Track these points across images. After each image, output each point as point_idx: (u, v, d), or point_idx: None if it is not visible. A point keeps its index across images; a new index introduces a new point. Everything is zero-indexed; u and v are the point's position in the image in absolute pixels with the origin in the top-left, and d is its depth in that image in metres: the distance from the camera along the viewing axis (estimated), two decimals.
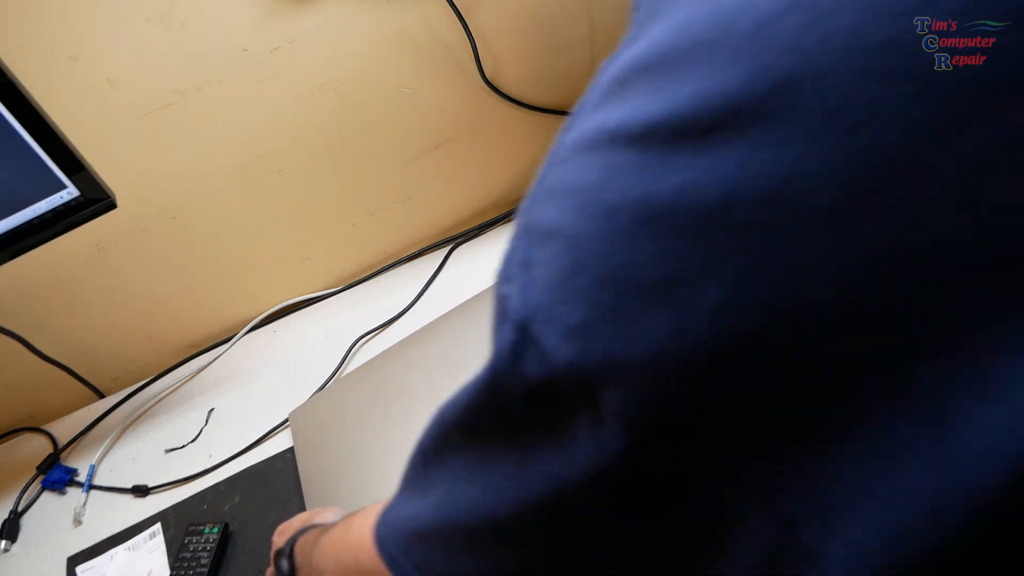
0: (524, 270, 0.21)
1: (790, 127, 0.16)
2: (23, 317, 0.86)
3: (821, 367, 0.16)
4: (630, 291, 0.18)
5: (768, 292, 0.16)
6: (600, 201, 0.19)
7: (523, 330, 0.20)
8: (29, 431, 0.95)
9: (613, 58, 0.21)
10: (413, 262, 1.02)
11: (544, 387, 0.20)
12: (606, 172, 0.19)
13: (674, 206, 0.17)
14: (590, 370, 0.19)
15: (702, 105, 0.17)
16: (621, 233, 0.18)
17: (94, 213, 0.70)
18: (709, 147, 0.17)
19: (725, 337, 0.17)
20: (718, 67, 0.17)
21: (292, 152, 0.86)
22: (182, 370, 0.97)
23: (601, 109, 0.20)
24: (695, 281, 0.17)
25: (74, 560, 0.78)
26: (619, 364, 0.18)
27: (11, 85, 0.60)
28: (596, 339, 0.19)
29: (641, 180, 0.18)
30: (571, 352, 0.19)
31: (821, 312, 0.16)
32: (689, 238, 0.17)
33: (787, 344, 0.16)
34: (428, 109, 0.89)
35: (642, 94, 0.19)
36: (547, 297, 0.20)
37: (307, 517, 0.64)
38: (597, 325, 0.18)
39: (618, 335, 0.18)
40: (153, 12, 0.70)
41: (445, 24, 0.82)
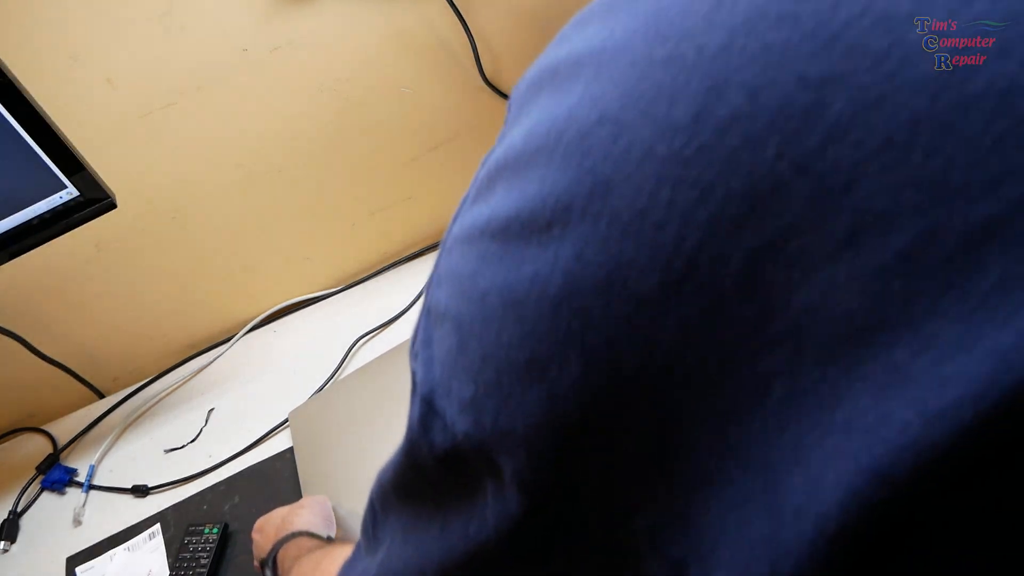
0: (425, 347, 0.23)
1: (611, 225, 0.18)
2: (23, 317, 0.86)
3: (669, 426, 0.19)
4: (506, 368, 0.20)
5: (617, 364, 0.19)
6: (475, 287, 0.21)
7: (428, 403, 0.23)
8: (29, 431, 0.95)
9: (488, 155, 0.23)
10: (413, 262, 1.02)
11: (451, 455, 0.22)
12: (478, 262, 0.21)
13: (529, 293, 0.19)
14: (484, 439, 0.21)
15: (542, 203, 0.19)
16: (492, 316, 0.20)
17: (94, 213, 0.70)
18: (550, 240, 0.19)
19: (589, 405, 0.19)
20: (552, 170, 0.19)
21: (292, 152, 0.86)
22: (182, 370, 0.97)
23: (476, 204, 0.23)
24: (557, 358, 0.19)
25: (74, 560, 0.78)
26: (507, 434, 0.20)
27: (11, 85, 0.60)
28: (485, 412, 0.21)
29: (502, 269, 0.20)
30: (467, 423, 0.21)
31: (655, 381, 0.18)
32: (546, 320, 0.19)
33: (637, 406, 0.19)
34: (428, 109, 0.89)
35: (502, 192, 0.21)
36: (443, 373, 0.22)
37: (286, 514, 0.65)
38: (484, 399, 0.21)
39: (503, 408, 0.20)
40: (153, 12, 0.70)
41: (445, 24, 0.82)
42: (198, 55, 0.74)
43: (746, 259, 0.17)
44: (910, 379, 0.16)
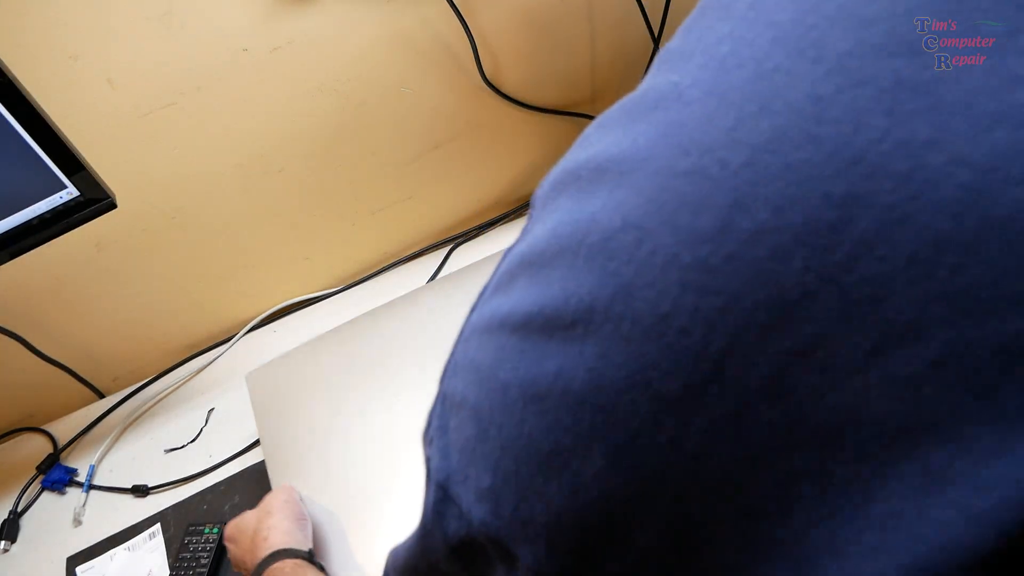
0: (441, 434, 0.24)
1: (633, 327, 0.19)
2: (23, 317, 0.86)
3: (691, 522, 0.19)
4: (526, 459, 0.20)
5: (640, 460, 0.19)
6: (494, 378, 0.21)
7: (443, 490, 0.23)
8: (29, 431, 0.95)
9: (510, 248, 0.24)
10: (413, 262, 1.02)
11: (465, 543, 0.23)
12: (498, 353, 0.22)
13: (552, 388, 0.20)
14: (501, 528, 0.21)
15: (564, 301, 0.20)
16: (514, 408, 0.21)
17: (94, 213, 0.70)
18: (575, 339, 0.20)
19: (611, 499, 0.19)
20: (575, 270, 0.20)
21: (292, 152, 0.86)
22: (182, 370, 0.97)
23: (496, 296, 0.23)
24: (580, 451, 0.19)
25: (74, 560, 0.78)
26: (526, 523, 0.21)
27: (11, 85, 0.60)
28: (504, 501, 0.21)
29: (524, 362, 0.21)
30: (484, 512, 0.22)
31: (679, 477, 0.19)
32: (570, 415, 0.19)
33: (660, 502, 0.19)
34: (428, 109, 0.89)
35: (523, 287, 0.22)
36: (460, 461, 0.23)
37: (257, 524, 0.63)
38: (503, 489, 0.21)
39: (522, 498, 0.21)
40: (153, 12, 0.70)
41: (445, 24, 0.82)
42: (198, 55, 0.74)
43: (774, 364, 0.17)
44: (948, 481, 0.16)
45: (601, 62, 0.95)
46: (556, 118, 0.97)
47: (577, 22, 0.89)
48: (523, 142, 0.99)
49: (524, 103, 0.93)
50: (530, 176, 1.04)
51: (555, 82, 0.94)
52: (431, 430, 0.24)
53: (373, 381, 0.77)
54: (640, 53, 0.95)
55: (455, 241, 1.02)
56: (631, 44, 0.94)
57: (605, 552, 0.20)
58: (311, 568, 0.58)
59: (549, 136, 1.00)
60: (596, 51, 0.93)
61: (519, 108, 0.93)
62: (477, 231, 1.03)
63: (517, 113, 0.94)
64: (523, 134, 0.98)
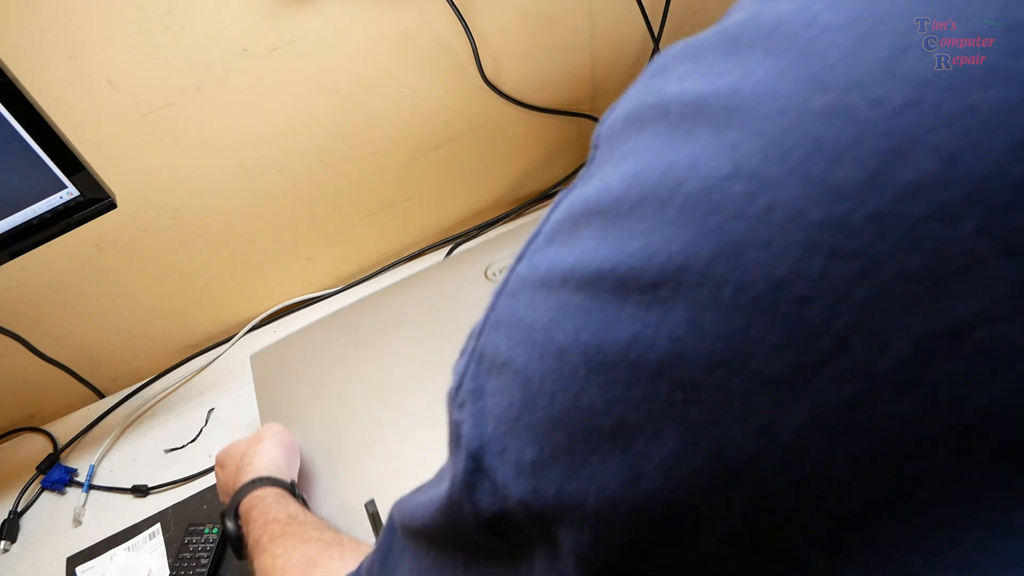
0: (475, 398, 0.21)
1: (737, 294, 0.16)
2: (23, 317, 0.86)
3: (770, 525, 0.16)
4: (582, 434, 0.18)
5: (720, 448, 0.16)
6: (550, 341, 0.19)
7: (476, 460, 0.20)
8: (29, 431, 0.95)
9: (567, 192, 0.21)
10: (413, 262, 1.02)
11: (499, 519, 0.20)
12: (556, 312, 0.19)
13: (624, 356, 0.17)
14: (544, 508, 0.19)
15: (648, 260, 0.17)
16: (572, 376, 0.18)
17: (94, 213, 0.70)
18: (657, 303, 0.17)
19: (679, 488, 0.17)
20: (664, 224, 0.17)
21: (292, 152, 0.86)
22: (182, 370, 0.97)
23: (553, 246, 0.20)
24: (648, 431, 0.17)
25: (74, 560, 0.78)
26: (573, 506, 0.18)
27: (11, 85, 0.60)
28: (549, 478, 0.19)
29: (589, 325, 0.18)
30: (524, 489, 0.19)
31: (765, 471, 0.16)
32: (641, 388, 0.17)
33: (736, 499, 0.17)
34: (428, 109, 0.89)
35: (592, 238, 0.19)
36: (499, 430, 0.20)
37: (245, 449, 0.64)
38: (549, 464, 0.19)
39: (571, 477, 0.18)
40: (153, 12, 0.70)
41: (445, 24, 0.82)
42: (198, 55, 0.74)
43: (915, 345, 0.15)
44: None
45: (601, 62, 0.95)
46: (556, 118, 0.97)
47: (577, 22, 0.89)
48: (523, 142, 0.99)
49: (524, 103, 0.93)
50: (530, 176, 1.04)
51: (555, 82, 0.94)
52: (462, 392, 0.22)
53: (378, 361, 0.77)
54: (640, 53, 0.95)
55: (455, 241, 1.02)
56: (631, 44, 0.94)
57: (661, 548, 0.18)
58: (292, 500, 0.57)
59: (549, 136, 1.00)
60: (596, 51, 0.93)
61: (519, 108, 0.93)
62: (477, 231, 1.03)
63: (517, 113, 0.94)
64: (523, 134, 0.98)
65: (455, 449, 0.22)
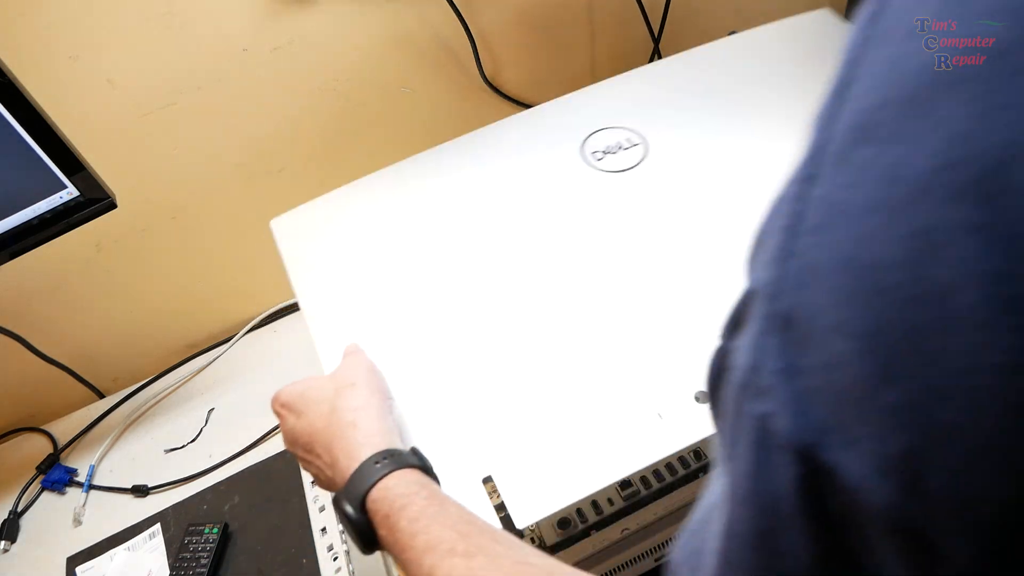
0: (788, 379, 0.16)
1: None
2: (23, 317, 0.86)
3: None
4: (986, 405, 0.13)
5: None
6: (917, 281, 0.14)
7: (810, 460, 0.16)
8: (29, 431, 0.95)
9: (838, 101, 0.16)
10: None
11: (854, 531, 0.16)
12: (920, 240, 0.14)
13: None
14: (921, 511, 0.14)
15: None
16: (962, 323, 0.13)
17: (94, 213, 0.70)
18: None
19: None
20: None
21: (292, 152, 0.86)
22: (182, 370, 0.97)
23: (869, 145, 0.15)
24: None
25: (74, 560, 0.78)
26: (964, 509, 0.14)
27: (11, 85, 0.60)
28: (932, 472, 0.14)
29: (987, 250, 0.13)
30: (891, 490, 0.14)
31: None
32: None
33: None
34: (428, 109, 0.89)
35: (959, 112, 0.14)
36: (838, 414, 0.15)
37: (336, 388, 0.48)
38: (931, 453, 0.14)
39: (972, 469, 0.14)
40: (153, 12, 0.70)
41: (445, 24, 0.82)
42: (198, 55, 0.74)
43: None
44: None
45: (601, 62, 0.95)
46: None
47: (577, 22, 0.89)
48: None
49: (524, 103, 0.93)
50: None
51: (555, 82, 0.94)
52: (764, 374, 0.16)
53: (411, 227, 0.70)
54: (640, 53, 0.95)
55: None
56: (631, 44, 0.94)
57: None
58: (447, 499, 0.42)
59: None
60: (596, 51, 0.93)
61: (519, 108, 0.93)
62: None
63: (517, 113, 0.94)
64: None
65: (759, 453, 0.17)
